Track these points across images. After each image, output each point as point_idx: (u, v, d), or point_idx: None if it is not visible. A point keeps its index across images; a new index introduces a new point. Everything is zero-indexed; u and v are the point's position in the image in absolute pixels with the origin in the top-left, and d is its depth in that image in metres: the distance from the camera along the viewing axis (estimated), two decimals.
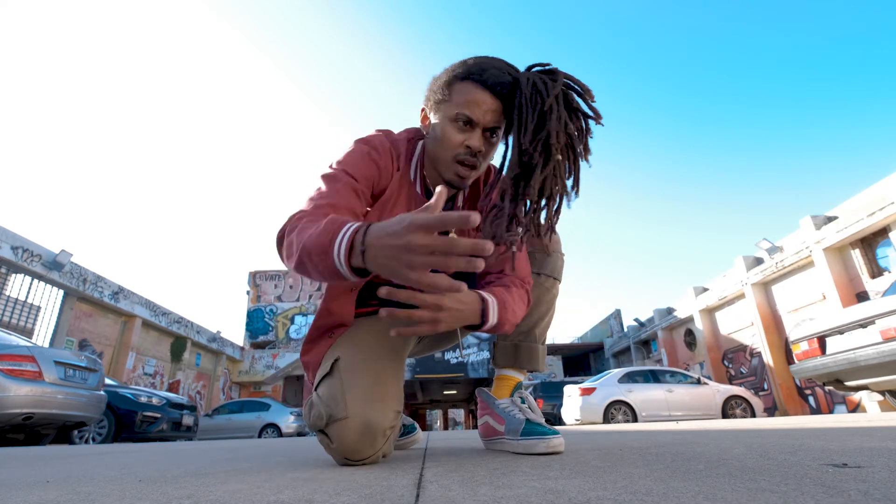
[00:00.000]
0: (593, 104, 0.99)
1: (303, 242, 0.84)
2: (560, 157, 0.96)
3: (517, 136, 0.98)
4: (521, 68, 1.04)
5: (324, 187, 1.02)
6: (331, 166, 1.09)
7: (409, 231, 0.68)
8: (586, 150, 0.99)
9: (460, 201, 1.22)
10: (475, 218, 0.63)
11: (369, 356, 1.13)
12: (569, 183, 1.00)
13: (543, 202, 1.00)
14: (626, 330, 20.78)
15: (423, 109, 1.15)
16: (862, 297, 9.76)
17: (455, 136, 1.05)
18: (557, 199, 1.00)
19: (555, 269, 1.34)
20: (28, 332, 10.49)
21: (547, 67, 1.02)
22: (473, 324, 1.01)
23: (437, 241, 0.67)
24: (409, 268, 0.69)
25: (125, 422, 6.41)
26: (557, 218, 1.03)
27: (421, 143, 1.21)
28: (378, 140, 1.15)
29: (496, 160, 1.14)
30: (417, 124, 1.22)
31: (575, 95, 0.98)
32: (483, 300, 1.01)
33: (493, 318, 1.02)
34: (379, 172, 1.12)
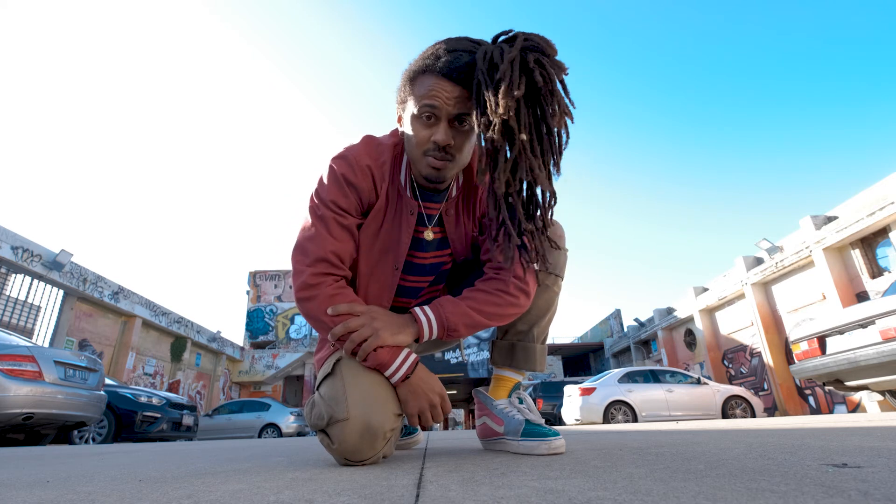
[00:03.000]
0: (556, 59, 0.90)
1: (364, 356, 1.04)
2: (525, 137, 0.89)
3: (477, 118, 0.92)
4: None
5: (313, 231, 1.09)
6: (314, 200, 1.11)
7: (430, 405, 1.05)
8: (560, 114, 0.91)
9: (454, 191, 1.18)
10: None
11: None
12: (550, 160, 0.93)
13: (525, 191, 0.96)
14: (626, 330, 20.77)
15: (397, 109, 1.12)
16: (862, 297, 9.76)
17: (421, 132, 1.01)
18: (539, 185, 0.94)
19: (556, 264, 1.25)
20: (28, 332, 10.49)
21: (509, 34, 0.94)
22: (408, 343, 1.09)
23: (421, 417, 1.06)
24: (424, 412, 1.04)
25: (125, 422, 6.41)
26: (553, 204, 0.99)
27: None
28: (354, 159, 1.10)
29: None
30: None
31: (536, 56, 0.89)
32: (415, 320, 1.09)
33: (430, 332, 1.09)
34: (359, 194, 1.10)
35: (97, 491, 0.78)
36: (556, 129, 0.93)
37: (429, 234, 1.18)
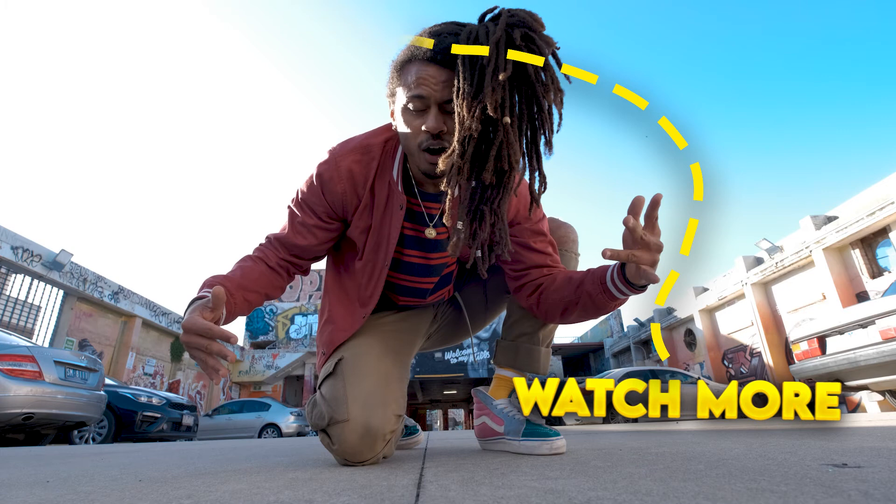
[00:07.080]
0: (545, 34, 0.84)
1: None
2: (509, 120, 0.82)
3: (456, 104, 0.84)
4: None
5: (284, 221, 1.18)
6: (294, 198, 1.16)
7: (184, 332, 0.87)
8: (554, 91, 0.84)
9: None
10: (233, 339, 0.85)
11: (373, 358, 1.12)
12: (541, 140, 0.88)
13: (503, 180, 0.88)
14: (626, 330, 20.75)
15: (388, 104, 1.08)
16: (862, 297, 9.75)
17: (412, 123, 0.96)
18: (516, 174, 0.88)
19: (568, 268, 1.25)
20: (28, 332, 10.48)
21: (494, 12, 0.87)
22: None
23: (197, 343, 0.85)
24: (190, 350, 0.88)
25: (125, 422, 6.40)
26: (543, 190, 0.92)
27: None
28: (335, 162, 1.08)
29: None
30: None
31: (523, 32, 0.82)
32: None
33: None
34: (340, 198, 1.09)
35: (97, 491, 0.78)
36: (546, 107, 0.86)
37: (430, 233, 1.14)
